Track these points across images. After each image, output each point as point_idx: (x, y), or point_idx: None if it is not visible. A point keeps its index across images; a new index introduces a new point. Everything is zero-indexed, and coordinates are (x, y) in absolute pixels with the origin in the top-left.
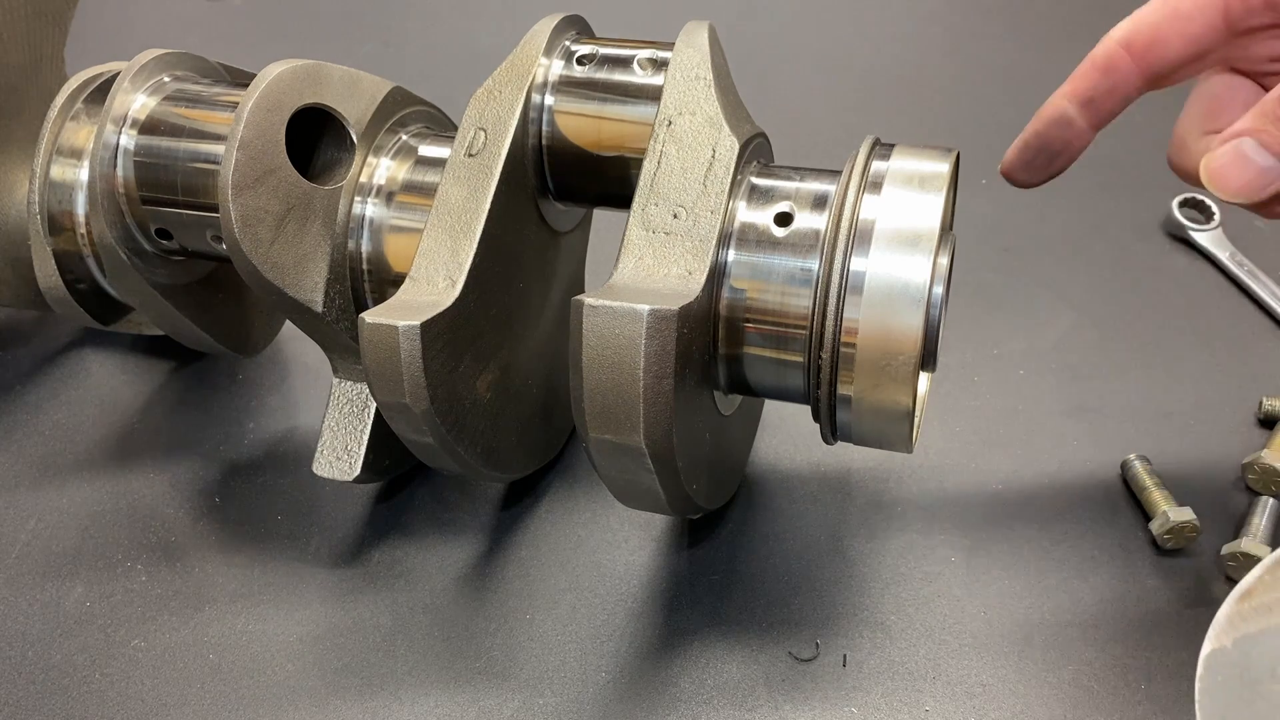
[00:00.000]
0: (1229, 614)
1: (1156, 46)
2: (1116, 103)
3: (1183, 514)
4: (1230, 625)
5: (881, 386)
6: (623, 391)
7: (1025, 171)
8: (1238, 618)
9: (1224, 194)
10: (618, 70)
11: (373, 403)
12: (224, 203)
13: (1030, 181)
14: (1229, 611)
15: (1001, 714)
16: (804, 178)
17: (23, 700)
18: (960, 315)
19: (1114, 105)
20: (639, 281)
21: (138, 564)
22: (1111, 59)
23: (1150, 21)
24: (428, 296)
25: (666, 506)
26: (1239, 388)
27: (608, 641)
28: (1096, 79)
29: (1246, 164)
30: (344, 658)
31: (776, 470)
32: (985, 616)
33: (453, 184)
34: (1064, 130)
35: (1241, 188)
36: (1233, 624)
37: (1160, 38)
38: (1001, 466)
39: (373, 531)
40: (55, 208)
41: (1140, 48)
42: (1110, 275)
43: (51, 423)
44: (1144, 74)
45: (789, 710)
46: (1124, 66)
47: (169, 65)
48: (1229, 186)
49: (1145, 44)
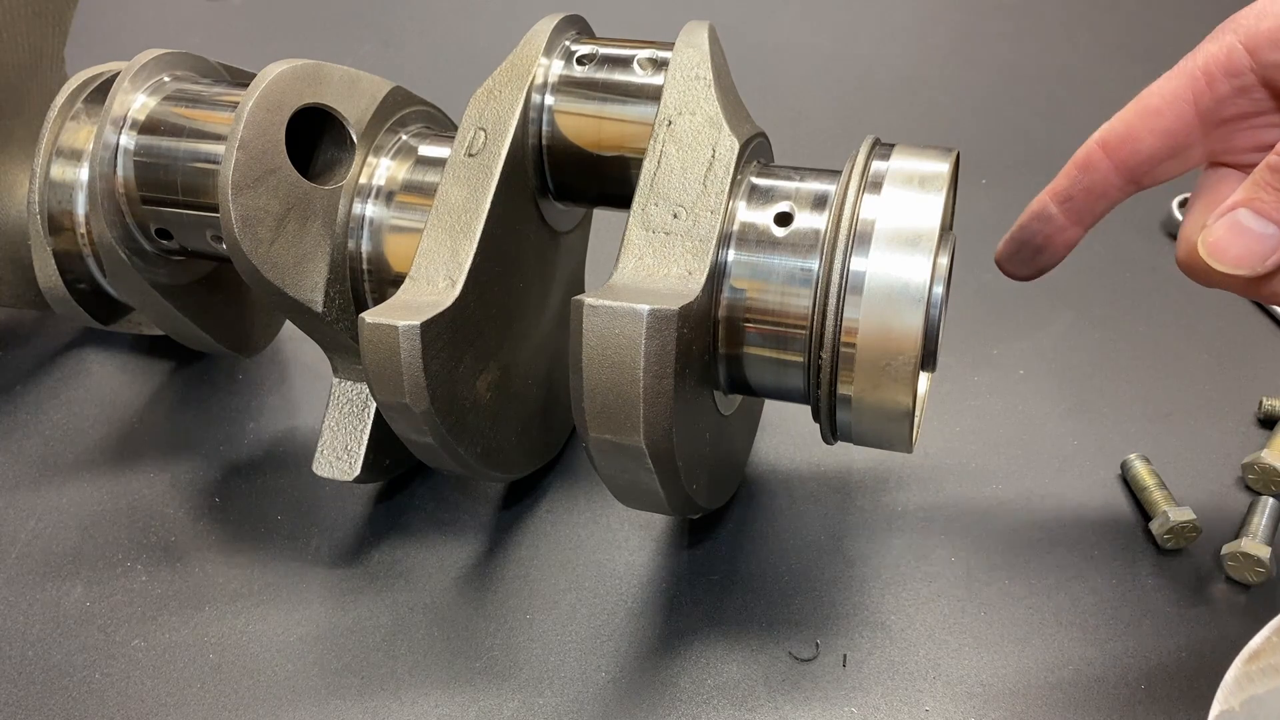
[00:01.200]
0: (1236, 676)
1: (1129, 143)
2: (1097, 201)
3: (1183, 514)
4: (1238, 687)
5: (881, 386)
6: (623, 391)
7: (1012, 264)
8: (1245, 679)
9: (1223, 266)
10: (618, 70)
11: (373, 403)
12: (224, 203)
13: (1019, 274)
14: (1236, 673)
15: (1001, 714)
16: (804, 178)
17: (23, 700)
18: (960, 315)
19: (1095, 204)
20: (639, 281)
21: (138, 564)
22: (1089, 158)
23: (1124, 119)
24: (428, 296)
25: (666, 506)
26: (1239, 388)
27: (608, 641)
28: (1075, 176)
29: (1243, 233)
30: (344, 658)
31: (776, 470)
32: (985, 616)
33: (453, 184)
34: (1045, 225)
35: (1241, 257)
36: (1240, 686)
37: (1132, 135)
38: (1001, 466)
39: (373, 531)
40: (55, 208)
41: (1114, 145)
42: (1110, 275)
43: (51, 423)
44: (1121, 172)
45: (789, 710)
46: (1101, 165)
47: (169, 65)
48: (1227, 257)
49: (1118, 141)
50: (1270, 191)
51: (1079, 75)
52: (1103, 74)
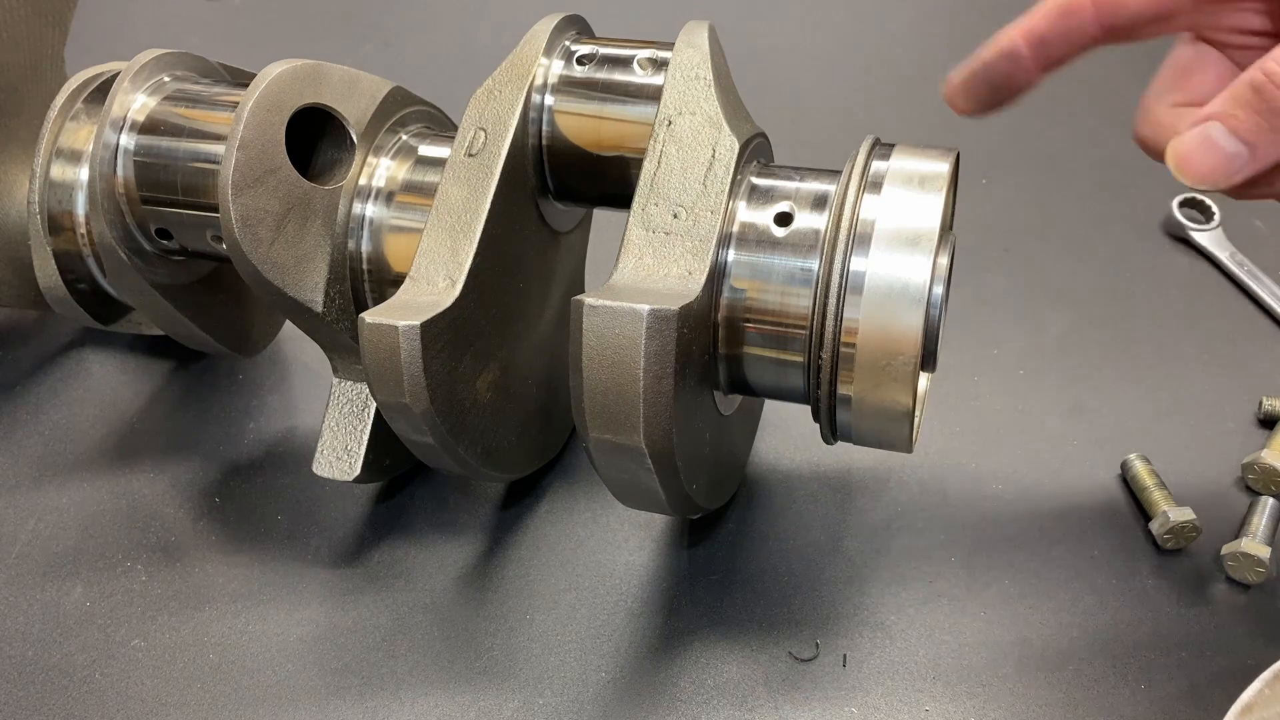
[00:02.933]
0: None
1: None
2: (1070, 48)
3: (1183, 514)
4: None
5: (881, 386)
6: (623, 391)
7: (964, 97)
8: None
9: (1190, 179)
10: (618, 70)
11: (373, 403)
12: (224, 203)
13: (968, 109)
14: None
15: (1001, 714)
16: (804, 178)
17: (23, 700)
18: (960, 315)
19: (1067, 50)
20: (639, 281)
21: (138, 564)
22: (1074, 3)
23: None
24: (428, 296)
25: (666, 506)
26: (1239, 388)
27: (608, 641)
28: (1054, 20)
29: (1214, 149)
30: (344, 658)
31: (776, 470)
32: (985, 616)
33: (453, 184)
34: (1011, 65)
35: (1207, 173)
36: None
37: None
38: (1001, 466)
39: (373, 531)
40: (55, 208)
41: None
42: (1110, 275)
43: (51, 423)
44: (1102, 24)
45: (789, 710)
46: (1084, 13)
47: (169, 65)
48: (1195, 171)
49: None
50: (1247, 110)
51: (1079, 75)
52: (1103, 74)
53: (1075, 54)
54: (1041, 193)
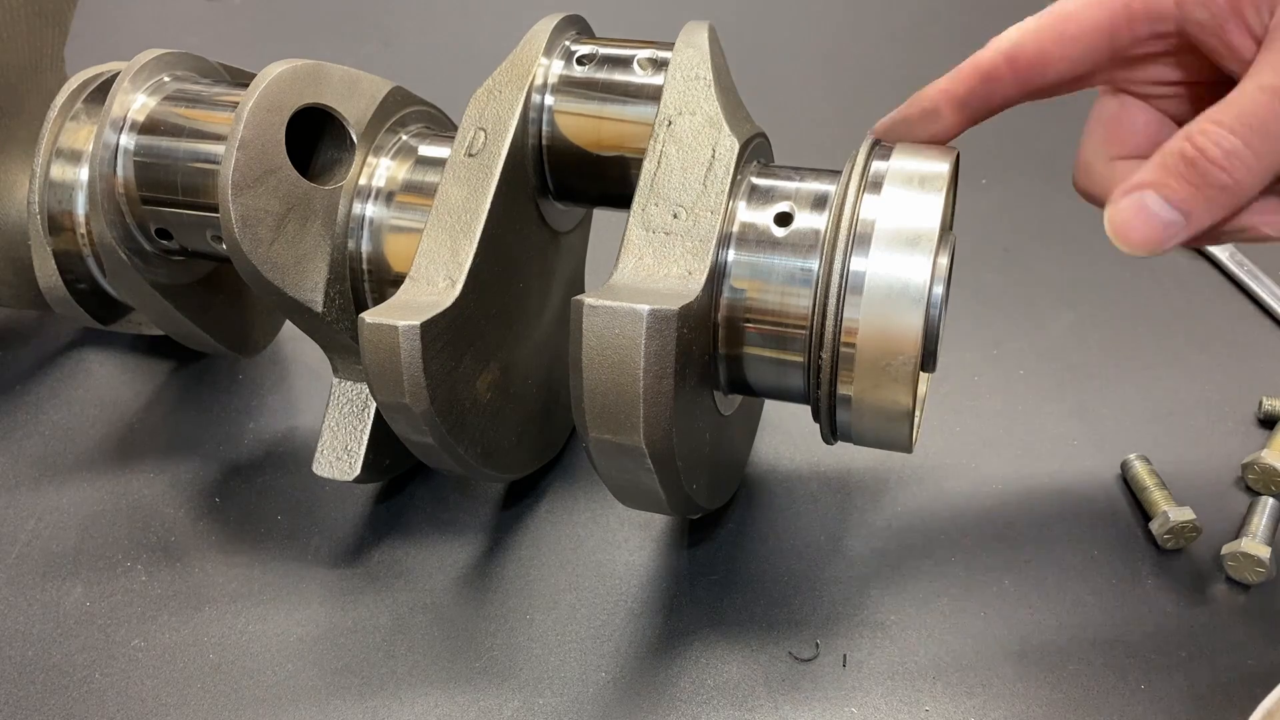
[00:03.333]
0: None
1: (1039, 67)
2: (990, 108)
3: (1183, 514)
4: None
5: (881, 386)
6: (623, 391)
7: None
8: None
9: (1127, 248)
10: (618, 70)
11: (373, 403)
12: (224, 203)
13: None
14: None
15: (1001, 714)
16: (804, 178)
17: (23, 700)
18: (960, 315)
19: (986, 110)
20: (639, 281)
21: (138, 564)
22: (994, 70)
23: (1038, 41)
24: (428, 296)
25: (666, 506)
26: (1239, 388)
27: (608, 641)
28: (973, 84)
29: (1150, 218)
30: (344, 658)
31: (776, 470)
32: (985, 616)
33: (453, 184)
34: (931, 123)
35: (1143, 241)
36: None
37: (1044, 59)
38: (1001, 466)
39: (373, 531)
40: (55, 208)
41: (1023, 65)
42: (1110, 275)
43: (51, 423)
44: (1021, 87)
45: (789, 710)
46: (1004, 78)
47: (169, 65)
48: (1132, 240)
49: (1028, 63)
50: (1179, 180)
51: None
52: None
53: (995, 112)
54: (1041, 193)
